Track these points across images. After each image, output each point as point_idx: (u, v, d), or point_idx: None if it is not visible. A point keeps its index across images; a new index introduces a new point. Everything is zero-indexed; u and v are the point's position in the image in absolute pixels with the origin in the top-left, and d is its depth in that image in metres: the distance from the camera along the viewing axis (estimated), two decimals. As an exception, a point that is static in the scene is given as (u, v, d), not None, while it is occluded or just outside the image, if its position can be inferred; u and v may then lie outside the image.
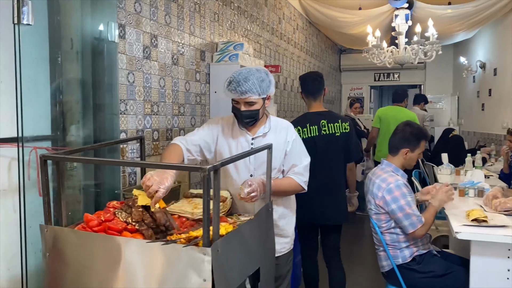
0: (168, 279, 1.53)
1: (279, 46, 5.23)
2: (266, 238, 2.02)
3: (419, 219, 2.48)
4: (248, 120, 2.09)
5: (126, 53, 2.41)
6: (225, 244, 1.57)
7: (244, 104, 2.04)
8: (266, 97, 2.08)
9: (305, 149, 2.25)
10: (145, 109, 2.61)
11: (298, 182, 2.17)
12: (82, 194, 2.18)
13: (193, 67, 3.17)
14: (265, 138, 2.17)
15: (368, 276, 4.18)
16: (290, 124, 2.26)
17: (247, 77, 2.00)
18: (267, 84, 2.05)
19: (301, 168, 2.18)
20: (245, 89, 1.99)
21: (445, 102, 9.05)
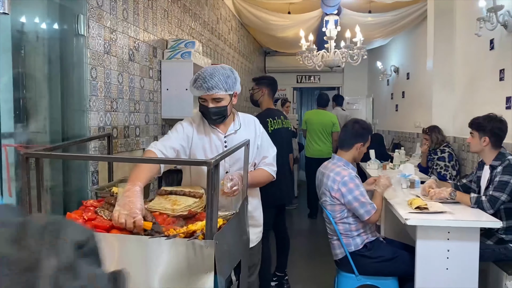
0: (169, 275, 1.54)
1: (218, 46, 5.28)
2: (244, 232, 2.09)
3: (372, 206, 2.72)
4: (216, 117, 2.10)
5: (90, 47, 2.32)
6: (221, 237, 1.62)
7: (211, 100, 2.05)
8: (233, 94, 2.11)
9: (271, 141, 2.35)
10: (106, 106, 2.53)
11: (270, 173, 2.28)
12: (49, 195, 2.07)
13: (147, 64, 3.12)
14: (236, 135, 2.21)
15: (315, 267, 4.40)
16: (255, 118, 2.33)
17: (213, 73, 2.02)
18: (233, 80, 2.09)
19: (271, 159, 2.29)
20: (211, 85, 2.00)
21: (361, 103, 9.74)
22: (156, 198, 2.11)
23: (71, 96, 2.10)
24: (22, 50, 2.01)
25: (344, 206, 2.77)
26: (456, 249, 2.59)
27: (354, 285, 2.87)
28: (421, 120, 6.29)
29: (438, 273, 2.60)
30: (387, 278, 2.83)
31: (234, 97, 2.14)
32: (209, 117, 2.10)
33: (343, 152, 2.93)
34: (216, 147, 2.17)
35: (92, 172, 2.39)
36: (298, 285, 3.95)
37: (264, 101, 3.51)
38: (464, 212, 2.73)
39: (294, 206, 6.72)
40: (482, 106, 4.20)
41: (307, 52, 5.44)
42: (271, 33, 6.99)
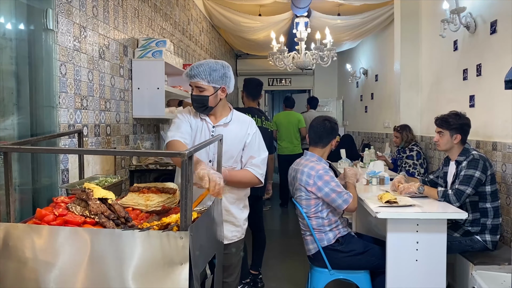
0: (143, 267, 1.53)
1: (189, 47, 5.27)
2: (219, 227, 2.10)
3: (349, 195, 2.79)
4: (196, 105, 2.20)
5: (59, 43, 2.27)
6: (196, 229, 1.62)
7: (195, 88, 2.18)
8: (219, 88, 2.18)
9: (264, 144, 2.36)
10: (76, 103, 2.48)
11: (254, 174, 2.26)
12: (17, 193, 2.02)
13: (117, 62, 3.09)
14: (226, 128, 2.26)
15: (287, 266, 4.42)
16: (252, 120, 2.38)
17: (201, 64, 2.16)
18: (219, 75, 2.16)
19: (259, 160, 2.27)
20: (194, 73, 2.14)
21: (331, 105, 9.89)
22: (129, 194, 2.09)
23: (40, 92, 2.06)
24: (-12, 45, 1.96)
25: (319, 200, 2.82)
26: (424, 240, 2.67)
27: (327, 280, 2.91)
28: (390, 120, 6.45)
29: (408, 265, 2.68)
30: (359, 271, 2.89)
31: (222, 91, 2.21)
32: (192, 104, 2.23)
33: (318, 149, 2.98)
34: (204, 135, 2.26)
35: (63, 170, 2.35)
36: (272, 284, 3.96)
37: (245, 101, 3.86)
38: (432, 205, 2.82)
39: (268, 208, 6.75)
40: (447, 104, 4.35)
41: (278, 54, 5.49)
42: (242, 35, 7.02)
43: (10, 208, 1.63)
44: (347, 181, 3.02)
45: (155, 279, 1.53)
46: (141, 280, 1.53)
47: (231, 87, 2.25)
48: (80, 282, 1.55)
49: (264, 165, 2.30)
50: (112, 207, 1.77)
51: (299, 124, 6.67)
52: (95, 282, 1.54)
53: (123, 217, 1.75)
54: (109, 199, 1.80)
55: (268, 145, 3.48)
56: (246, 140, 2.29)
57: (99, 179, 2.24)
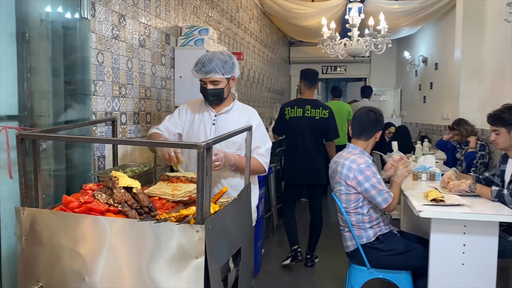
0: (159, 258, 1.51)
1: (237, 35, 5.23)
2: (246, 219, 2.05)
3: (390, 194, 2.64)
4: (213, 98, 2.28)
5: (96, 31, 2.31)
6: (214, 223, 1.58)
7: (210, 83, 2.24)
8: (230, 77, 2.28)
9: (267, 135, 2.43)
10: (114, 91, 2.52)
11: (261, 163, 2.33)
12: (52, 178, 2.08)
13: (159, 50, 3.11)
14: (227, 115, 2.36)
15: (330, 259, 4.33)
16: (255, 111, 2.44)
17: (211, 58, 2.22)
18: (230, 65, 2.26)
19: (264, 150, 2.35)
20: (209, 69, 2.20)
21: (388, 94, 9.50)
22: (158, 183, 2.09)
23: (74, 80, 2.10)
24: (26, 34, 2.02)
25: (360, 195, 2.69)
26: (473, 243, 2.47)
27: (365, 278, 2.79)
28: (449, 112, 6.07)
29: (453, 268, 2.49)
30: (400, 272, 2.74)
31: (232, 80, 2.32)
32: (207, 98, 2.30)
33: (361, 141, 2.84)
34: (204, 123, 2.35)
35: (99, 157, 2.40)
36: (312, 277, 3.89)
37: (302, 91, 4.19)
38: (484, 206, 2.60)
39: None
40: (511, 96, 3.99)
41: (329, 40, 5.31)
42: (294, 22, 6.87)
43: (38, 194, 1.68)
44: (393, 179, 2.84)
45: (170, 271, 1.51)
46: (157, 271, 1.51)
47: (238, 74, 2.35)
48: (100, 270, 1.56)
49: (268, 154, 2.38)
50: (136, 196, 1.77)
51: (349, 115, 6.51)
52: (113, 270, 1.55)
53: (146, 206, 1.74)
54: (134, 188, 1.80)
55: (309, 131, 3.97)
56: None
57: (131, 167, 2.26)
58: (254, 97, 6.26)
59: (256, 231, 3.76)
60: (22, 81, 2.02)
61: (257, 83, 6.44)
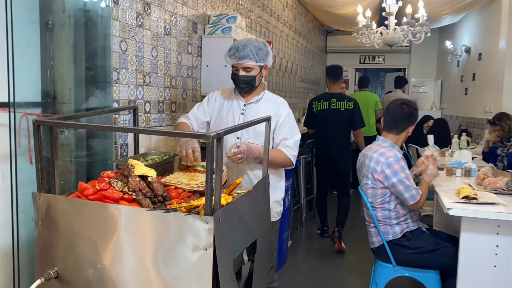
0: (168, 249, 1.50)
1: (269, 23, 5.15)
2: (262, 211, 2.01)
3: (418, 192, 2.53)
4: (244, 85, 2.23)
5: (119, 19, 2.31)
6: (226, 214, 1.55)
7: (242, 69, 2.20)
8: (263, 66, 2.23)
9: (297, 127, 2.34)
10: (137, 80, 2.53)
11: (287, 155, 2.26)
12: (73, 164, 2.11)
13: (185, 39, 3.09)
14: (257, 104, 2.30)
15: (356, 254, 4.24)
16: (285, 101, 2.37)
17: (246, 44, 2.18)
18: (264, 53, 2.21)
19: (291, 142, 2.27)
20: (243, 55, 2.16)
21: (428, 86, 9.15)
22: (176, 172, 2.08)
23: (96, 68, 2.11)
24: (49, 21, 2.04)
25: (387, 190, 2.59)
26: (507, 245, 2.32)
27: (391, 276, 2.70)
28: (492, 105, 5.77)
29: (485, 270, 2.36)
30: (428, 271, 2.62)
31: (265, 69, 2.26)
32: (239, 85, 2.25)
33: (392, 135, 2.72)
34: (233, 111, 2.31)
35: (121, 145, 2.42)
36: (338, 272, 3.82)
37: (328, 86, 4.57)
38: (521, 205, 2.44)
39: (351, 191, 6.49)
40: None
41: (364, 29, 5.14)
42: (330, 10, 6.70)
43: (55, 180, 1.70)
44: (422, 177, 2.72)
45: (179, 261, 1.49)
46: (165, 261, 1.50)
47: (270, 63, 2.30)
48: (111, 258, 1.57)
49: (296, 147, 2.30)
50: (151, 185, 1.76)
51: (376, 106, 6.36)
52: (124, 259, 1.55)
53: (160, 195, 1.74)
54: (149, 176, 1.79)
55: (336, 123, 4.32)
56: (278, 120, 2.28)
57: (151, 156, 2.26)
58: (286, 87, 6.18)
59: (282, 223, 3.73)
60: (45, 68, 2.05)
61: (289, 73, 6.35)
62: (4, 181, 1.82)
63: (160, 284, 1.51)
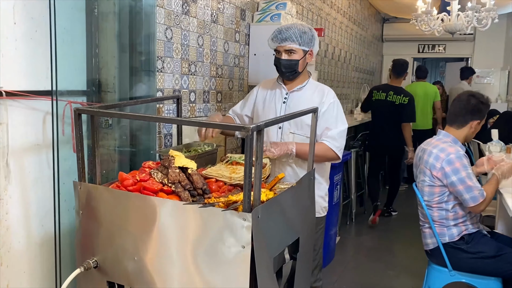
0: (204, 244, 1.44)
1: (322, 10, 4.97)
2: (307, 208, 1.91)
3: (481, 193, 2.31)
4: (286, 70, 2.12)
5: (165, 6, 2.27)
6: (265, 211, 1.47)
7: (284, 52, 2.09)
8: (308, 51, 2.11)
9: (344, 117, 2.20)
10: (183, 68, 2.49)
11: (330, 147, 2.11)
12: (116, 153, 2.11)
13: (232, 27, 3.01)
14: (299, 92, 2.20)
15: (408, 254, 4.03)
16: (331, 90, 2.24)
17: (290, 27, 2.08)
18: (309, 37, 2.10)
19: (335, 132, 2.12)
20: (285, 36, 2.06)
21: (493, 77, 8.55)
22: (217, 164, 2.02)
23: (140, 56, 2.08)
24: (95, 9, 2.03)
25: (445, 188, 2.40)
26: None
27: (446, 281, 2.51)
28: None
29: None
30: (488, 278, 2.41)
31: (309, 55, 2.14)
32: (280, 70, 2.14)
33: (453, 128, 2.51)
34: (275, 100, 2.22)
35: (165, 135, 2.39)
36: (390, 272, 3.64)
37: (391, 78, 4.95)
38: None
39: (404, 187, 6.24)
40: None
41: (424, 15, 4.83)
42: (387, -4, 6.39)
43: (96, 170, 1.69)
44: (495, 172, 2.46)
45: (215, 259, 1.43)
46: (201, 257, 1.44)
47: (316, 50, 2.17)
48: (148, 251, 1.53)
49: (341, 138, 2.14)
50: (191, 177, 1.71)
51: (435, 97, 6.09)
52: (161, 253, 1.51)
53: (200, 188, 1.68)
54: (189, 168, 1.74)
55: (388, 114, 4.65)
56: (321, 109, 2.13)
57: (194, 147, 2.22)
58: (339, 77, 5.97)
59: (330, 218, 3.60)
60: (91, 56, 2.04)
61: (343, 62, 6.13)
62: (49, 169, 1.84)
63: (197, 279, 1.46)
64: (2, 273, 1.72)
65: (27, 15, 1.74)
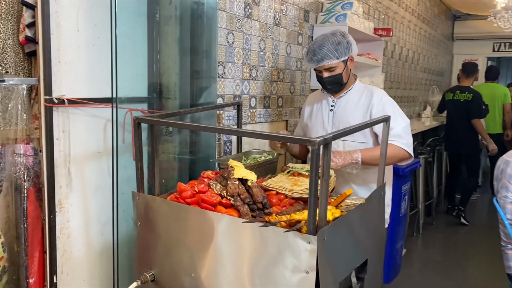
0: (264, 266, 1.34)
1: (389, 9, 4.71)
2: (376, 226, 1.75)
3: None
4: (330, 86, 2.05)
5: (227, 10, 2.20)
6: (332, 232, 1.34)
7: (325, 71, 2.00)
8: (347, 59, 2.01)
9: (402, 113, 2.05)
10: (244, 73, 2.41)
11: (398, 145, 1.95)
12: (176, 161, 2.06)
13: (295, 29, 2.89)
14: (346, 97, 2.10)
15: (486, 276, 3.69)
16: (381, 90, 2.11)
17: (322, 44, 1.97)
18: (345, 46, 1.98)
19: (398, 130, 1.97)
20: (321, 57, 1.96)
21: None
22: (278, 175, 1.91)
23: (200, 62, 2.02)
24: (157, 14, 2.00)
25: None
26: None
27: (532, 310, 2.23)
28: None
29: None
30: None
31: (350, 61, 2.04)
32: (325, 87, 2.08)
33: None
34: (322, 111, 2.15)
35: (225, 142, 2.32)
36: (462, 292, 3.35)
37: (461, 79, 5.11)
38: None
39: (476, 197, 5.80)
40: None
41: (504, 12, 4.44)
42: (460, -8, 5.97)
43: (154, 180, 1.64)
44: None
45: (277, 282, 1.32)
46: (262, 279, 1.35)
47: (356, 52, 2.03)
48: (205, 267, 1.46)
49: (407, 134, 1.99)
50: (250, 189, 1.62)
51: (504, 99, 5.66)
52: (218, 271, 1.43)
53: (260, 202, 1.58)
54: (249, 180, 1.65)
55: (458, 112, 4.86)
56: (372, 111, 1.99)
57: (254, 155, 2.12)
58: (406, 79, 5.66)
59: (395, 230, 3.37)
60: (152, 62, 2.01)
61: (410, 63, 5.80)
62: (110, 177, 1.82)
63: (256, 303, 1.35)
64: (62, 281, 1.72)
65: (90, 22, 1.74)
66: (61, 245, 1.70)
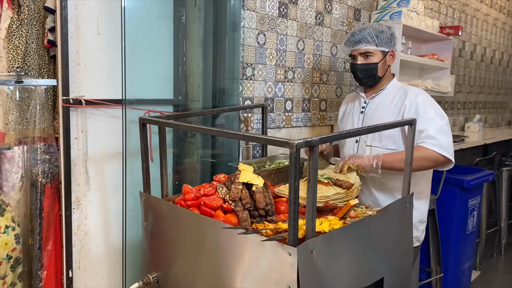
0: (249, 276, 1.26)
1: (467, 6, 4.28)
2: (397, 241, 1.56)
3: None
4: (362, 76, 1.85)
5: (257, 10, 2.14)
6: (324, 245, 1.22)
7: (360, 56, 1.84)
8: (388, 52, 1.83)
9: (440, 110, 1.77)
10: (277, 75, 2.32)
11: (429, 148, 1.67)
12: (199, 164, 2.04)
13: (342, 28, 2.73)
14: (378, 96, 1.91)
15: None
16: (417, 89, 1.86)
17: (364, 28, 1.84)
18: (387, 36, 1.82)
19: (433, 130, 1.70)
20: (359, 38, 1.81)
21: None
22: (296, 181, 1.80)
23: (223, 63, 1.99)
24: (183, 17, 2.01)
25: None
26: None
27: None
28: None
29: None
30: None
31: (390, 56, 1.86)
32: (357, 76, 1.88)
33: None
34: (353, 113, 1.98)
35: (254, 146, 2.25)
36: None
37: None
38: None
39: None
40: None
41: None
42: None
43: (163, 181, 1.63)
44: None
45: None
46: (245, 287, 1.26)
47: (399, 50, 1.90)
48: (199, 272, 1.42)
49: (441, 133, 1.70)
50: (254, 195, 1.54)
51: None
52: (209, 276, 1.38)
53: (262, 208, 1.49)
54: (254, 185, 1.57)
55: None
56: (404, 112, 1.75)
57: (280, 159, 2.04)
58: (491, 83, 5.10)
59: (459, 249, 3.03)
60: (177, 64, 2.02)
61: (497, 65, 5.22)
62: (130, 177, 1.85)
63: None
64: (80, 276, 1.78)
65: (111, 25, 1.78)
66: (78, 241, 1.76)
